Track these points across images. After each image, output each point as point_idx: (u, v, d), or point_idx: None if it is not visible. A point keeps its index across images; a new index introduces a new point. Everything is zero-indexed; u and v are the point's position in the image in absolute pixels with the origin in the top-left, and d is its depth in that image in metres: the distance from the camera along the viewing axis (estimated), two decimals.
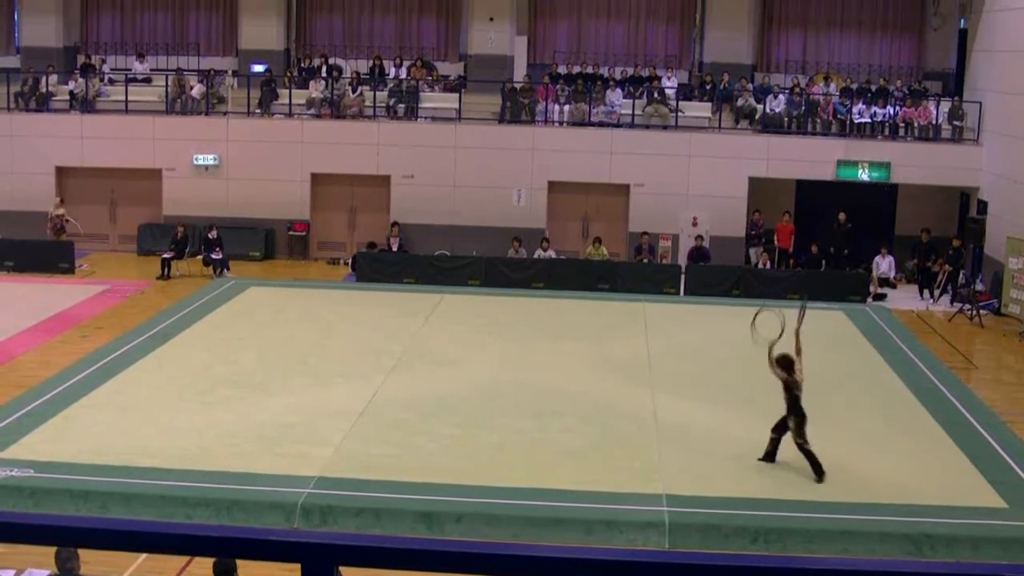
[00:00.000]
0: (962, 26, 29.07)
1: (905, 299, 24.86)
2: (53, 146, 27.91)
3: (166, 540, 3.23)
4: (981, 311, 23.09)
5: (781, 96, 28.17)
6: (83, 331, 20.12)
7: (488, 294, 21.92)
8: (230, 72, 29.62)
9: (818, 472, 11.88)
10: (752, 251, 26.97)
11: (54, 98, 28.91)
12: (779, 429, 12.25)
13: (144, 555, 11.43)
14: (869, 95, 28.18)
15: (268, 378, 14.86)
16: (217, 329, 17.44)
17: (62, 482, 11.10)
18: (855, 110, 27.68)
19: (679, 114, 27.95)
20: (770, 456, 12.30)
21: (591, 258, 26.16)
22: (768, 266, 26.12)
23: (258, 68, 29.50)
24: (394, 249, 26.63)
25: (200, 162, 27.66)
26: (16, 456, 11.70)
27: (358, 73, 29.36)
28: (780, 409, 13.34)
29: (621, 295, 21.99)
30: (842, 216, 26.66)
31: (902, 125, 27.66)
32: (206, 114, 28.45)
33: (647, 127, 27.86)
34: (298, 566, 3.28)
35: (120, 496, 10.89)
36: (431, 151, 27.39)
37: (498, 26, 29.73)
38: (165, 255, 25.61)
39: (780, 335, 12.18)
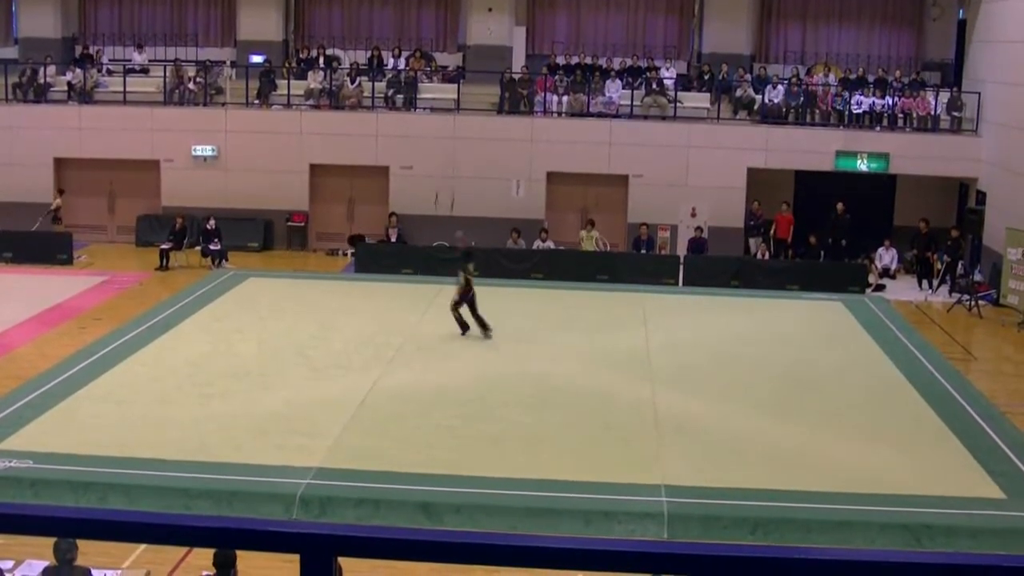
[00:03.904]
0: (961, 16, 29.05)
1: (904, 290, 24.88)
2: (51, 137, 27.89)
3: (165, 531, 3.23)
4: (980, 302, 23.10)
5: (780, 87, 28.15)
6: (82, 322, 20.13)
7: (487, 285, 21.88)
8: (228, 63, 29.58)
9: (463, 327, 16.41)
10: (752, 241, 26.98)
11: (52, 89, 28.87)
12: (459, 306, 16.41)
13: (143, 546, 11.45)
14: (868, 86, 28.15)
15: (267, 369, 14.85)
16: (216, 320, 17.42)
17: (61, 473, 11.10)
18: (854, 101, 27.66)
19: (678, 105, 27.93)
20: (464, 326, 16.41)
21: (583, 243, 26.18)
22: (767, 257, 26.13)
23: (256, 59, 29.45)
24: (393, 240, 26.62)
25: (199, 153, 27.63)
26: (15, 447, 11.70)
27: (357, 64, 29.33)
28: (778, 397, 13.45)
29: (620, 286, 21.98)
30: (840, 207, 26.66)
31: (901, 116, 27.64)
32: (204, 105, 28.42)
33: (646, 118, 27.85)
34: (297, 556, 3.28)
35: (119, 487, 10.89)
36: (430, 142, 27.37)
37: (497, 17, 29.69)
38: (164, 246, 25.60)
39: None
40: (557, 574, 3.32)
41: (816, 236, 26.50)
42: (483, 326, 16.51)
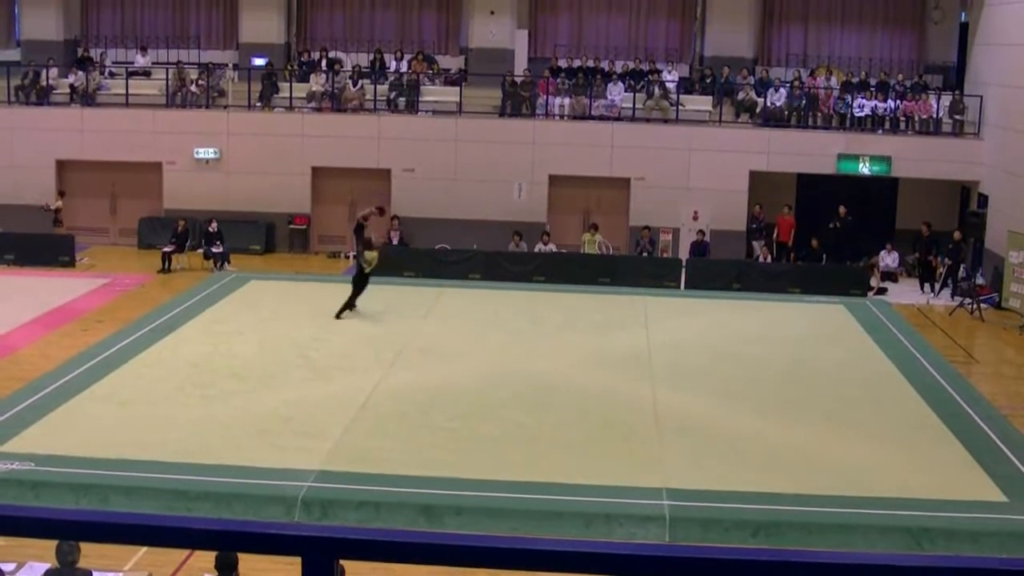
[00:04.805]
0: (963, 19, 29.06)
1: (906, 293, 24.87)
2: (54, 139, 27.90)
3: (167, 533, 3.23)
4: (982, 305, 23.09)
5: (782, 90, 28.15)
6: (84, 325, 20.13)
7: (489, 288, 21.92)
8: (230, 65, 29.60)
9: (350, 306, 17.46)
10: (755, 244, 26.98)
11: (55, 91, 28.89)
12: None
13: (145, 548, 11.45)
14: (870, 89, 28.16)
15: (269, 371, 14.87)
16: (218, 323, 17.44)
17: (63, 475, 11.11)
18: (856, 104, 27.67)
19: (680, 108, 27.93)
20: (350, 306, 17.53)
21: (584, 246, 26.19)
22: (768, 260, 26.12)
23: (259, 62, 29.47)
24: (394, 242, 26.63)
25: (201, 155, 27.64)
26: (17, 449, 11.72)
27: (359, 67, 29.34)
28: (779, 399, 13.45)
29: (622, 289, 21.99)
30: (842, 210, 26.65)
31: (903, 119, 27.64)
32: (206, 107, 28.44)
33: (648, 121, 27.85)
34: (299, 559, 3.28)
35: (121, 489, 10.90)
36: (432, 145, 27.37)
37: (499, 20, 29.71)
38: (166, 249, 25.61)
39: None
40: None
41: (819, 239, 26.50)
42: (346, 304, 17.71)
